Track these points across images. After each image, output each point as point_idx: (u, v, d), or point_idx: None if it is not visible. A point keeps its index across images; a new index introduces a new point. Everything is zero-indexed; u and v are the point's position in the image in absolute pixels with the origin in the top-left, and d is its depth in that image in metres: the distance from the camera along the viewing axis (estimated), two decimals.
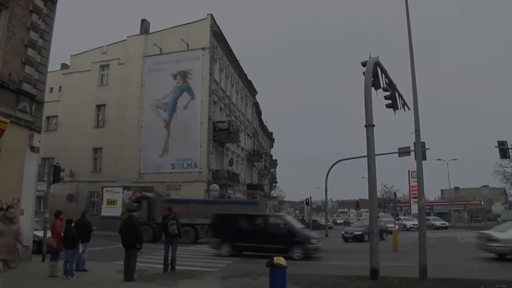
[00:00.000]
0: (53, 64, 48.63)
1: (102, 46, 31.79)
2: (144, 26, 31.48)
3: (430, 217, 43.46)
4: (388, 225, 28.82)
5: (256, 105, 46.76)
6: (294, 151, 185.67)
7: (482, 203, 66.36)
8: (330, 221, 48.48)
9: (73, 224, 9.35)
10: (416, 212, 22.40)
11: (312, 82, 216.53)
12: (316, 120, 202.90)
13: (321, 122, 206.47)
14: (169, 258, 10.07)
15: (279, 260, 6.54)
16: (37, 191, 12.53)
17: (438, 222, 41.23)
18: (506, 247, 13.17)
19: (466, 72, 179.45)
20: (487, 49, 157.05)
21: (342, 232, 25.42)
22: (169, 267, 10.06)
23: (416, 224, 36.05)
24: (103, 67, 31.62)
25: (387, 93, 11.30)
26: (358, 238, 22.53)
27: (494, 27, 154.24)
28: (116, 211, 28.03)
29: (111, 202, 28.49)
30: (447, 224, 41.84)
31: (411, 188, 56.12)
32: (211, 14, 28.93)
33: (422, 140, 10.45)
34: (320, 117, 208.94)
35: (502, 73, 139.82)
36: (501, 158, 25.94)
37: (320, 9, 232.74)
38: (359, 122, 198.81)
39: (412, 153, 20.73)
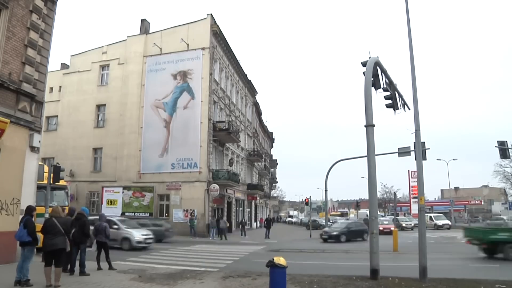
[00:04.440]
0: (53, 64, 48.67)
1: (102, 46, 31.79)
2: (144, 26, 31.48)
3: (432, 215, 41.87)
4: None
5: (256, 105, 46.76)
6: (294, 151, 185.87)
7: (482, 203, 66.32)
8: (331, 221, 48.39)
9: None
10: (416, 212, 22.38)
11: (311, 82, 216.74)
12: (317, 120, 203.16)
13: (321, 122, 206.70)
14: None
15: (279, 260, 6.53)
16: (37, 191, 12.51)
17: (441, 221, 39.81)
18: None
19: (466, 71, 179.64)
20: (488, 48, 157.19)
21: (320, 232, 26.05)
22: None
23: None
24: (103, 67, 31.62)
25: (387, 93, 11.31)
26: (335, 238, 23.75)
27: (496, 24, 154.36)
28: (116, 211, 28.07)
29: (111, 202, 28.52)
30: (450, 223, 40.52)
31: (411, 188, 56.00)
32: (211, 14, 28.93)
33: (422, 140, 10.44)
34: (320, 117, 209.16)
35: (503, 73, 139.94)
36: (501, 158, 25.93)
37: (320, 9, 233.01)
38: (359, 122, 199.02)
39: (412, 153, 20.76)
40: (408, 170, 55.85)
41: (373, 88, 10.52)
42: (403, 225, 39.44)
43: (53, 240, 7.40)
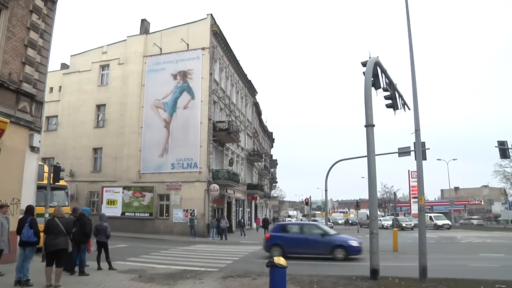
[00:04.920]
0: (53, 64, 48.73)
1: (102, 46, 31.77)
2: (144, 26, 31.46)
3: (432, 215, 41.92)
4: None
5: (256, 105, 46.74)
6: (294, 151, 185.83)
7: (482, 203, 66.37)
8: (331, 221, 48.60)
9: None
10: (416, 212, 22.38)
11: (311, 82, 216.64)
12: (317, 120, 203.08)
13: (321, 122, 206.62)
14: None
15: (279, 260, 6.54)
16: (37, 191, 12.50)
17: (440, 221, 39.65)
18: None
19: (466, 71, 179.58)
20: (487, 48, 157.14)
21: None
22: None
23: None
24: (103, 67, 31.60)
25: (387, 93, 11.31)
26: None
27: (493, 24, 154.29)
28: (116, 211, 28.07)
29: (111, 202, 28.51)
30: (450, 223, 40.73)
31: (411, 188, 56.06)
32: (211, 14, 28.90)
33: (422, 140, 10.43)
34: (320, 117, 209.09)
35: (503, 73, 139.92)
36: (501, 158, 25.94)
37: (320, 9, 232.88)
38: (359, 122, 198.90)
39: (412, 153, 20.74)
40: (408, 170, 55.92)
41: (373, 88, 10.51)
42: (403, 225, 39.53)
43: (55, 240, 7.42)
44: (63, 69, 33.61)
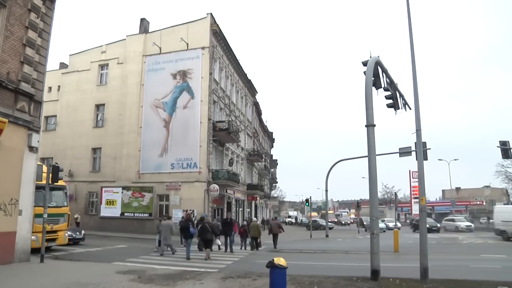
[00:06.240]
0: (52, 64, 48.73)
1: (101, 46, 31.68)
2: (144, 25, 31.38)
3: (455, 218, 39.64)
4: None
5: (256, 105, 46.67)
6: (294, 151, 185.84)
7: (484, 203, 66.24)
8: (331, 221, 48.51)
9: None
10: (417, 212, 22.33)
11: (312, 81, 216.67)
12: (317, 120, 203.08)
13: (322, 122, 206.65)
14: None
15: (279, 260, 6.48)
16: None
17: (463, 224, 36.69)
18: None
19: (467, 70, 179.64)
20: (488, 48, 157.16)
21: None
22: None
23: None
24: (102, 67, 31.52)
25: (388, 93, 11.24)
26: None
27: (497, 22, 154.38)
28: (115, 211, 28.01)
29: (110, 202, 28.42)
30: (472, 225, 37.42)
31: (412, 189, 55.98)
32: (211, 13, 28.81)
33: (423, 140, 10.37)
34: (321, 117, 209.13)
35: (505, 72, 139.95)
36: (503, 158, 25.88)
37: (321, 9, 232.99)
38: (359, 122, 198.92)
39: (413, 153, 20.69)
40: (409, 170, 55.86)
41: (374, 88, 10.45)
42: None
43: (205, 235, 14.40)
44: (62, 69, 33.52)
